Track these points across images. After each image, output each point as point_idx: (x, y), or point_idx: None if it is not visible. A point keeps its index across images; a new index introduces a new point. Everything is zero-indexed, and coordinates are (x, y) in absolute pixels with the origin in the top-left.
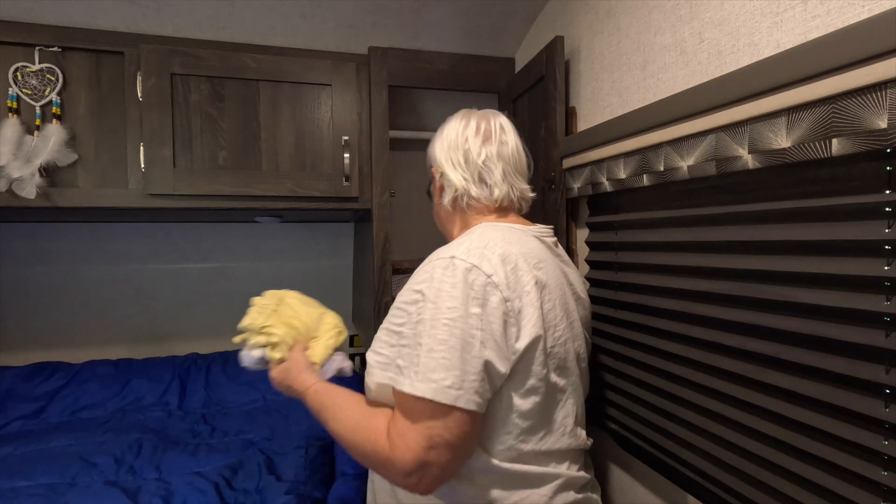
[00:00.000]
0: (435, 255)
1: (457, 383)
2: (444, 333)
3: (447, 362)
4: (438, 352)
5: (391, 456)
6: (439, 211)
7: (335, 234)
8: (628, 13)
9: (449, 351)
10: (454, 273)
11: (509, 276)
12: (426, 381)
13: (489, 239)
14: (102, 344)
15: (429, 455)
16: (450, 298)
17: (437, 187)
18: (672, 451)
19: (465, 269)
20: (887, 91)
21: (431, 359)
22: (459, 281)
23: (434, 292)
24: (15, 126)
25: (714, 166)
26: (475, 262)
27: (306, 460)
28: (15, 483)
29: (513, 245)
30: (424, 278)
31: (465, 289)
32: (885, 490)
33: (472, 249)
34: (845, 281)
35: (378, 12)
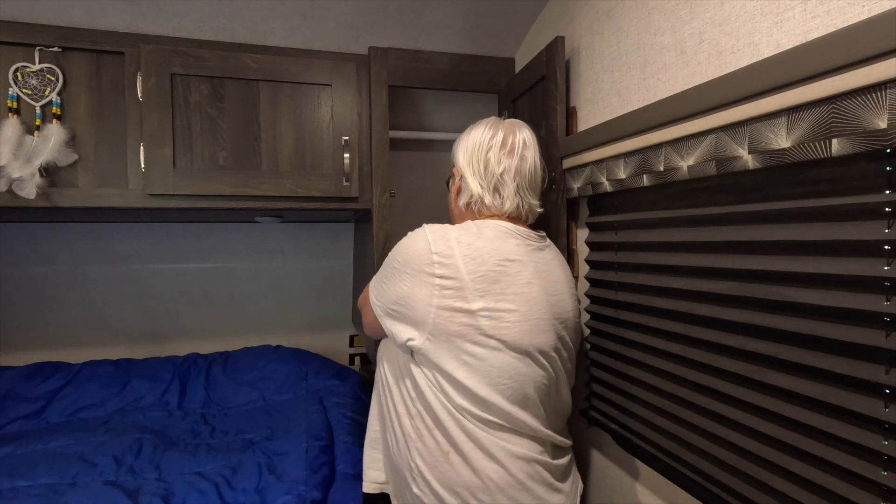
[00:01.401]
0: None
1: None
2: (388, 274)
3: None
4: (385, 284)
5: (362, 299)
6: (453, 208)
7: (335, 234)
8: (628, 13)
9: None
10: (412, 240)
11: (456, 261)
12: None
13: (463, 228)
14: (102, 344)
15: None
16: (401, 254)
17: (456, 188)
18: (672, 451)
19: (421, 240)
20: (887, 91)
21: (381, 285)
22: (411, 245)
23: (399, 245)
24: (15, 126)
25: (714, 166)
26: (431, 238)
27: (306, 460)
28: (15, 483)
29: (482, 239)
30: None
31: (415, 251)
32: (885, 490)
33: (441, 229)
34: (845, 281)
35: (378, 12)
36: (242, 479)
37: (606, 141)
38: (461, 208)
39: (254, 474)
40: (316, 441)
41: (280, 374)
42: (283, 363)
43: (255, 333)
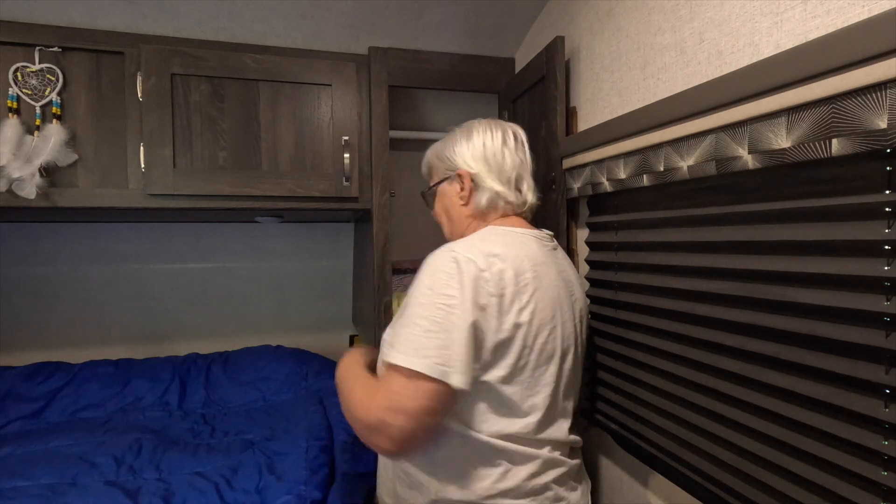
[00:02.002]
0: (438, 250)
1: (439, 359)
2: (440, 317)
3: (438, 341)
4: (433, 332)
5: (362, 407)
6: (460, 213)
7: (335, 234)
8: (628, 13)
9: (442, 332)
10: (452, 264)
11: (502, 274)
12: (419, 356)
13: (490, 240)
14: (102, 344)
15: (389, 416)
16: (445, 286)
17: (468, 189)
18: (672, 451)
19: (461, 261)
20: (887, 91)
21: (426, 337)
22: (455, 271)
23: (431, 280)
24: (15, 126)
25: (714, 166)
26: (472, 256)
27: (306, 460)
28: (15, 483)
29: (511, 247)
30: (426, 269)
31: (460, 277)
32: (885, 490)
33: (471, 246)
34: (845, 281)
35: (378, 12)
36: (242, 479)
37: (606, 141)
38: (479, 208)
39: (254, 474)
40: (316, 441)
41: (280, 374)
42: (283, 363)
43: (255, 333)
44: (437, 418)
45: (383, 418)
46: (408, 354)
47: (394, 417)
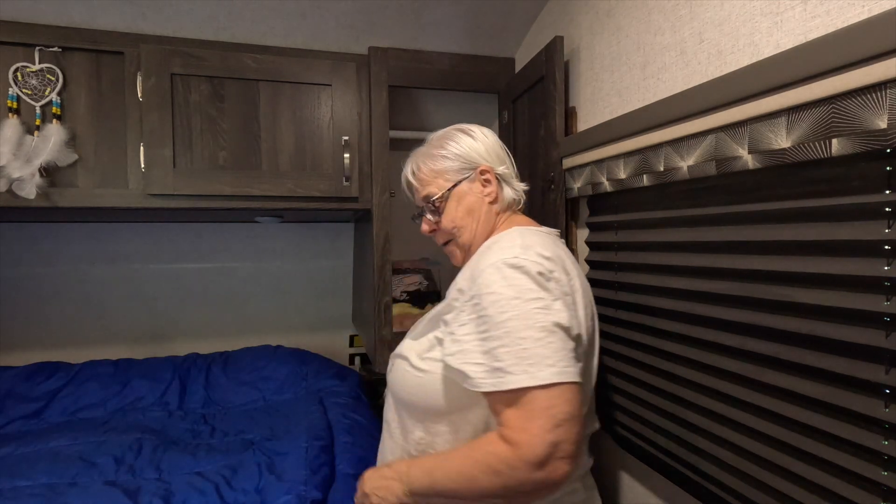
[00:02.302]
0: (486, 259)
1: (564, 362)
2: (540, 322)
3: (555, 345)
4: (545, 339)
5: (519, 454)
6: (488, 213)
7: (335, 234)
8: (628, 13)
9: (551, 335)
10: (522, 270)
11: (560, 275)
12: (544, 367)
13: (534, 242)
14: (102, 344)
15: (557, 434)
16: (530, 292)
17: (494, 185)
18: (672, 451)
19: (532, 264)
20: (887, 91)
21: (542, 347)
22: (529, 276)
23: (513, 290)
24: (15, 126)
25: (714, 166)
26: (535, 259)
27: (306, 460)
28: (15, 483)
29: (550, 248)
30: (499, 282)
31: (537, 279)
32: (885, 490)
33: (528, 249)
34: (845, 281)
35: (378, 12)
36: (242, 479)
37: (606, 141)
38: (506, 204)
39: (254, 474)
40: (316, 441)
41: (280, 374)
42: (283, 363)
43: (255, 333)
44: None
45: (552, 440)
46: (532, 371)
47: (566, 431)
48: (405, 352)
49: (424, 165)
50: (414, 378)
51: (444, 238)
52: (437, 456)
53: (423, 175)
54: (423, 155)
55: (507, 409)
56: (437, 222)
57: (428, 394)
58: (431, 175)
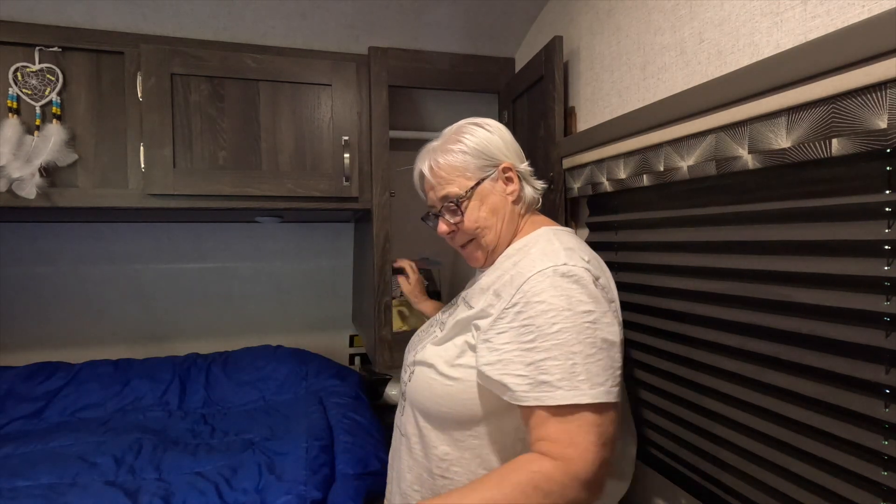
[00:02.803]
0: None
1: (611, 381)
2: (591, 336)
3: (604, 362)
4: (595, 356)
5: (570, 470)
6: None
7: (335, 234)
8: (628, 13)
9: (600, 352)
10: (574, 278)
11: (606, 279)
12: (595, 385)
13: (572, 246)
14: (102, 344)
15: (604, 452)
16: (581, 304)
17: (517, 183)
18: (672, 451)
19: (581, 273)
20: (887, 91)
21: (593, 363)
22: (581, 286)
23: (564, 301)
24: (15, 126)
25: (714, 166)
26: (583, 265)
27: (306, 460)
28: (15, 483)
29: (586, 251)
30: (550, 290)
31: (587, 290)
32: (885, 490)
33: (572, 255)
34: (845, 281)
35: (378, 12)
36: (242, 479)
37: (606, 141)
38: (530, 202)
39: (254, 474)
40: (316, 441)
41: (280, 374)
42: (283, 363)
43: (255, 333)
44: None
45: (604, 456)
46: (584, 388)
47: (609, 451)
48: (430, 358)
49: (444, 161)
50: (443, 387)
51: (465, 239)
52: (465, 488)
53: (442, 173)
54: (440, 150)
55: (552, 424)
56: (458, 223)
57: (460, 403)
58: (451, 172)
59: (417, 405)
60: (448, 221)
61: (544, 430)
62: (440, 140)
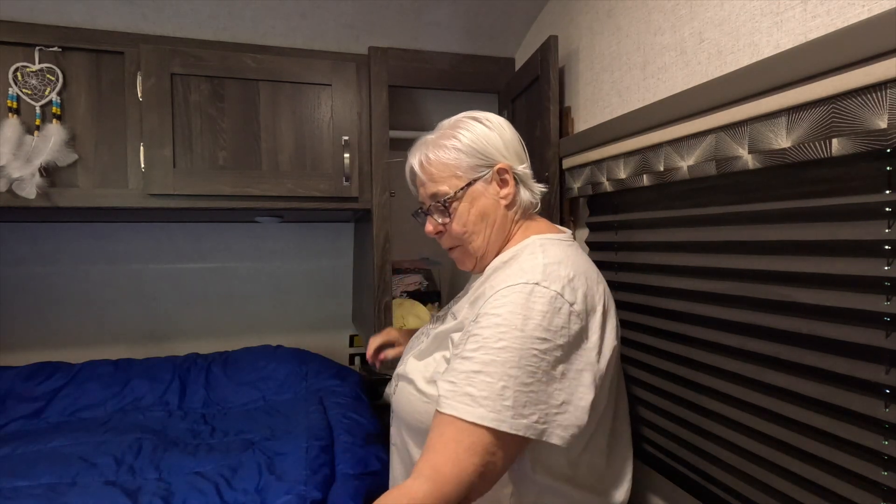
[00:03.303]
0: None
1: (537, 416)
2: (534, 365)
3: (537, 396)
4: (531, 386)
5: (440, 492)
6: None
7: (335, 234)
8: (628, 13)
9: (538, 384)
10: (542, 301)
11: (587, 302)
12: (518, 416)
13: (558, 260)
14: (102, 344)
15: (477, 481)
16: (538, 329)
17: (512, 186)
18: (671, 451)
19: (551, 297)
20: (887, 91)
21: (524, 393)
22: (547, 310)
23: (519, 320)
24: (15, 126)
25: (714, 166)
26: (558, 289)
27: (306, 460)
28: (15, 483)
29: (578, 264)
30: (505, 303)
31: (553, 317)
32: (885, 490)
33: (550, 274)
34: (845, 281)
35: (378, 12)
36: (242, 479)
37: (606, 141)
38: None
39: (254, 474)
40: (316, 441)
41: (280, 374)
42: (283, 363)
43: (255, 333)
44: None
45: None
46: (503, 413)
47: (485, 485)
48: (410, 373)
49: (434, 157)
50: (422, 404)
51: (452, 243)
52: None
53: (432, 169)
54: (433, 145)
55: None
56: (446, 224)
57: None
58: (442, 170)
59: (401, 418)
60: (435, 221)
61: (438, 435)
62: (435, 133)
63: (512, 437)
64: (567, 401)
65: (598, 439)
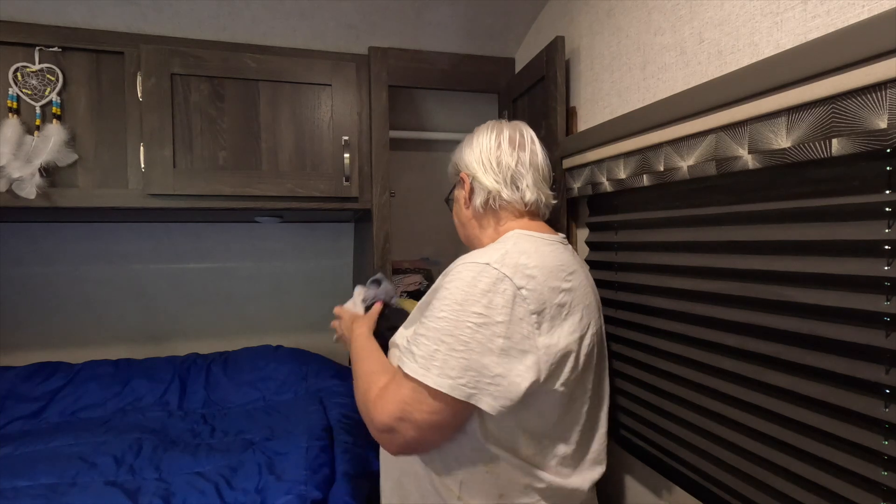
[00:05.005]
0: (468, 257)
1: (465, 379)
2: (467, 335)
3: (466, 363)
4: (460, 352)
5: (372, 409)
6: (466, 217)
7: (335, 234)
8: (628, 13)
9: (469, 353)
10: (486, 280)
11: (540, 290)
12: (445, 376)
13: (523, 250)
14: (102, 344)
15: (397, 424)
16: (476, 303)
17: (467, 191)
18: (672, 451)
19: (497, 278)
20: (887, 91)
21: (452, 357)
22: (489, 288)
23: (462, 294)
24: (15, 126)
25: (714, 166)
26: (508, 272)
27: (306, 460)
28: (15, 483)
29: (547, 258)
30: (456, 281)
31: (494, 296)
32: (885, 490)
33: (506, 259)
34: (845, 281)
35: (378, 12)
36: (242, 479)
37: (606, 141)
38: (477, 209)
39: (254, 474)
40: (316, 441)
41: (280, 374)
42: (283, 363)
43: (255, 333)
44: (448, 433)
45: (393, 426)
46: (430, 371)
47: (403, 427)
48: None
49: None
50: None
51: None
52: (366, 352)
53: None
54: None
55: (397, 380)
56: None
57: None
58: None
59: None
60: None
61: (397, 379)
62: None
63: (442, 395)
64: (503, 374)
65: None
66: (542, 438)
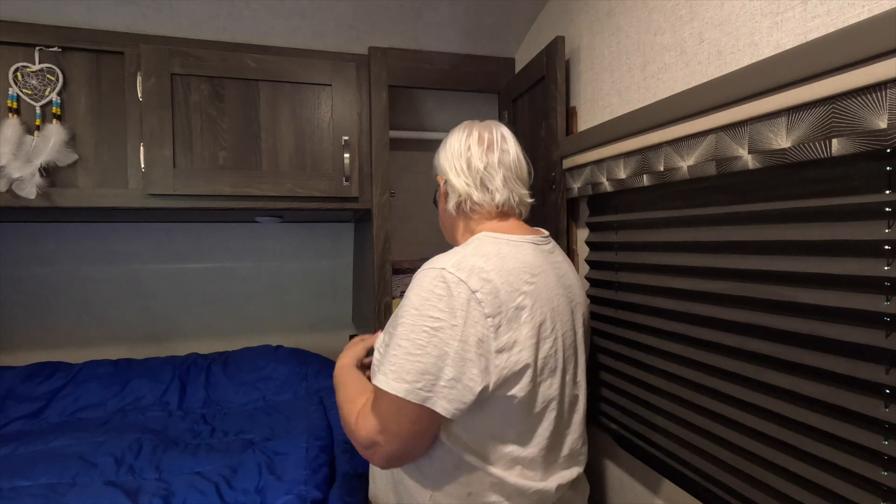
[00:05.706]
0: (428, 263)
1: (422, 383)
2: (423, 339)
3: (423, 367)
4: (416, 356)
5: (354, 430)
6: (444, 218)
7: (335, 234)
8: (628, 13)
9: (426, 356)
10: (441, 284)
11: (495, 293)
12: (400, 380)
13: (482, 253)
14: (102, 344)
15: (377, 437)
16: (431, 307)
17: (442, 194)
18: (672, 451)
19: (451, 282)
20: (887, 91)
21: (408, 361)
22: (444, 293)
23: (419, 300)
24: (15, 126)
25: (714, 166)
26: (463, 276)
27: (306, 460)
28: (15, 483)
29: (507, 260)
30: (414, 287)
31: (449, 300)
32: (885, 490)
33: (462, 263)
34: (845, 281)
35: (378, 12)
36: (242, 479)
37: (606, 141)
38: (452, 213)
39: (254, 474)
40: (316, 441)
41: (280, 374)
42: (283, 363)
43: (255, 333)
44: (425, 439)
45: (374, 440)
46: (389, 377)
47: (385, 440)
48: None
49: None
50: None
51: None
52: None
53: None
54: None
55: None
56: None
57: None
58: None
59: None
60: None
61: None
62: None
63: (395, 398)
64: (457, 378)
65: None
66: (506, 442)
